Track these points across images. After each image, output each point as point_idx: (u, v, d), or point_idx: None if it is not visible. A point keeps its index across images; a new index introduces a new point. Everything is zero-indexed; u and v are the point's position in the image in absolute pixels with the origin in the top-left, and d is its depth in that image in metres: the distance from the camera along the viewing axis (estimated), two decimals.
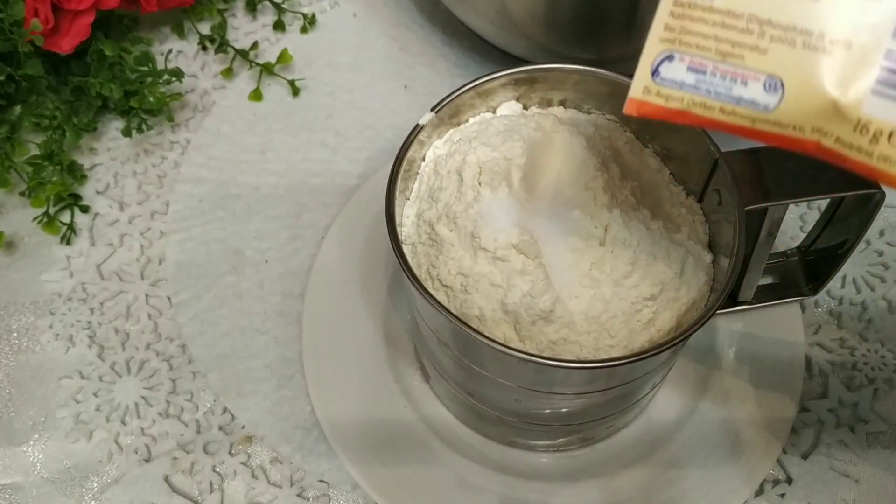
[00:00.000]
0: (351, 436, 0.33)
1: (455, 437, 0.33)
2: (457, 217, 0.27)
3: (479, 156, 0.28)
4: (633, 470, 0.32)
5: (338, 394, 0.33)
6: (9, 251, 0.38)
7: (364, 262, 0.36)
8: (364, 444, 0.32)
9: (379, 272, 0.36)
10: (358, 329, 0.35)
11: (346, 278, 0.36)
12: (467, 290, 0.26)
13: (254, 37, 0.44)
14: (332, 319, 0.35)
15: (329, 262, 0.36)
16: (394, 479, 0.32)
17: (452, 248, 0.27)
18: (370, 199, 0.36)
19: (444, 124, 0.30)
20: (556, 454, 0.33)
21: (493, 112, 0.31)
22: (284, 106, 0.43)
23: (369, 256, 0.36)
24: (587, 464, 0.33)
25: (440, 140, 0.30)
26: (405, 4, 0.46)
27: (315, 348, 0.34)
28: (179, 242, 0.39)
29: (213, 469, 0.34)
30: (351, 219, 0.37)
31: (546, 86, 0.30)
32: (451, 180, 0.28)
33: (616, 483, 0.32)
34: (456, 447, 0.33)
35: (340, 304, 0.35)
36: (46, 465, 0.34)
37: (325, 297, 0.35)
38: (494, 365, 0.27)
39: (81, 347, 0.36)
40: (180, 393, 0.35)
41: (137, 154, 0.41)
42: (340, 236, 0.37)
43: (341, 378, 0.34)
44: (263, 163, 0.41)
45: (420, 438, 0.33)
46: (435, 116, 0.29)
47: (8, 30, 0.37)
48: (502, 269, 0.26)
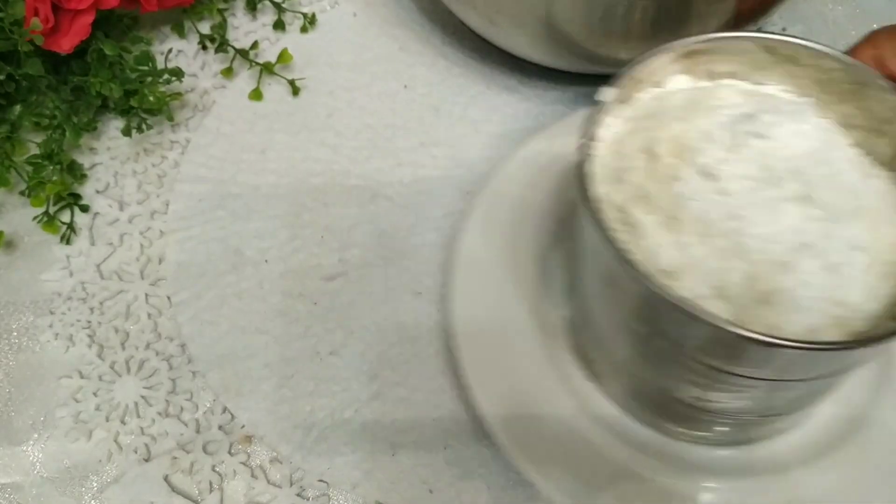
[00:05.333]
0: (523, 434, 0.32)
1: (632, 436, 0.32)
2: (654, 198, 0.25)
3: (672, 131, 0.26)
4: (817, 468, 0.31)
5: (504, 392, 0.32)
6: (8, 250, 0.38)
7: (509, 258, 0.35)
8: (536, 442, 0.31)
9: (526, 268, 0.35)
10: (513, 327, 0.34)
11: (494, 275, 0.35)
12: (674, 275, 0.25)
13: (254, 36, 0.44)
14: (486, 319, 0.34)
15: (472, 258, 0.35)
16: (571, 477, 0.31)
17: (653, 231, 0.25)
18: (504, 191, 0.36)
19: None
20: (737, 448, 0.32)
21: (659, 87, 0.29)
22: (284, 105, 0.43)
23: (513, 251, 0.35)
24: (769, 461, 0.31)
25: (611, 118, 0.28)
26: (405, 4, 0.46)
27: (473, 349, 0.33)
28: (179, 242, 0.39)
29: (212, 469, 0.34)
30: (487, 212, 0.36)
31: (713, 57, 0.29)
32: (640, 159, 0.26)
33: (799, 480, 0.31)
34: (635, 446, 0.31)
35: (491, 302, 0.34)
36: (46, 465, 0.34)
37: (475, 295, 0.34)
38: (726, 354, 0.25)
39: (81, 347, 0.36)
40: (180, 392, 0.35)
41: (137, 153, 0.41)
42: (480, 233, 0.36)
43: (505, 377, 0.33)
44: (263, 162, 0.41)
45: (589, 435, 0.32)
46: (605, 95, 0.27)
47: (8, 29, 0.37)
48: (713, 249, 0.25)
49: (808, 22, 0.45)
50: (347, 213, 0.39)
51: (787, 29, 0.44)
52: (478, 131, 0.41)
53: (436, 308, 0.37)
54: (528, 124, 0.41)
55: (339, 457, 0.34)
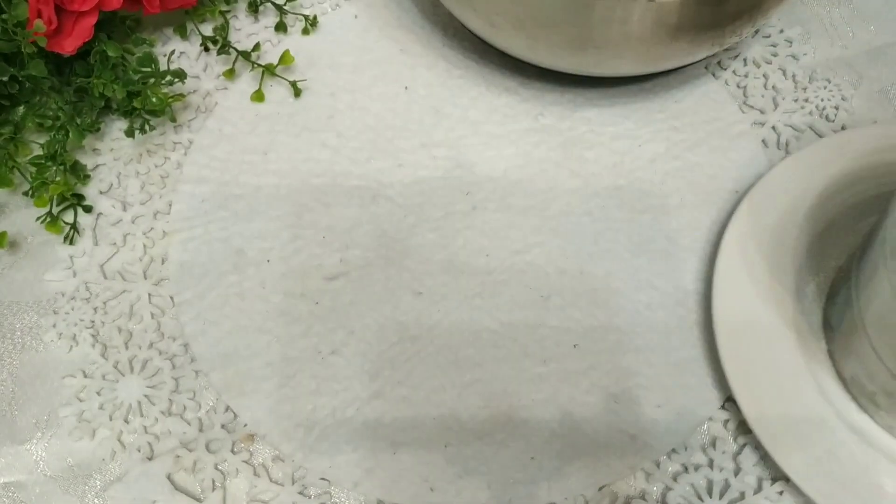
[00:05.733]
0: (783, 436, 0.33)
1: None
2: None
3: None
4: None
5: (767, 400, 0.33)
6: (12, 250, 0.39)
7: (767, 268, 0.36)
8: (796, 446, 0.32)
9: (785, 279, 0.36)
10: (774, 333, 0.35)
11: (752, 282, 0.36)
12: None
13: (256, 38, 0.45)
14: (747, 322, 0.35)
15: (731, 265, 0.36)
16: (829, 479, 0.32)
17: None
18: (769, 197, 0.37)
19: None
20: None
21: None
22: (286, 107, 0.43)
23: (773, 260, 0.36)
24: None
25: None
26: (406, 6, 0.46)
27: (736, 352, 0.34)
28: (182, 242, 0.39)
29: (215, 467, 0.34)
30: (748, 219, 0.37)
31: None
32: None
33: None
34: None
35: (751, 307, 0.35)
36: (49, 463, 0.34)
37: (736, 300, 0.35)
38: None
39: (84, 346, 0.36)
40: (183, 391, 0.35)
41: (140, 154, 0.41)
42: (740, 240, 0.37)
43: (767, 384, 0.34)
44: (265, 163, 0.41)
45: (850, 444, 0.33)
46: None
47: (11, 31, 0.37)
48: None
49: (806, 24, 0.45)
50: (348, 214, 0.39)
51: (784, 31, 0.44)
52: (478, 132, 0.42)
53: (436, 308, 0.37)
54: (528, 125, 0.42)
55: (341, 455, 0.34)
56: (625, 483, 0.34)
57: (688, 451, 0.34)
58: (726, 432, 0.34)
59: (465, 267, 0.38)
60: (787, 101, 0.42)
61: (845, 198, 0.37)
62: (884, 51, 0.44)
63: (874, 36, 0.45)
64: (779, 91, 0.43)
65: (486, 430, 0.35)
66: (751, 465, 0.34)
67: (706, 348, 0.36)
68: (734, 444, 0.34)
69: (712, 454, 0.34)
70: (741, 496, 0.33)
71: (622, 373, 0.36)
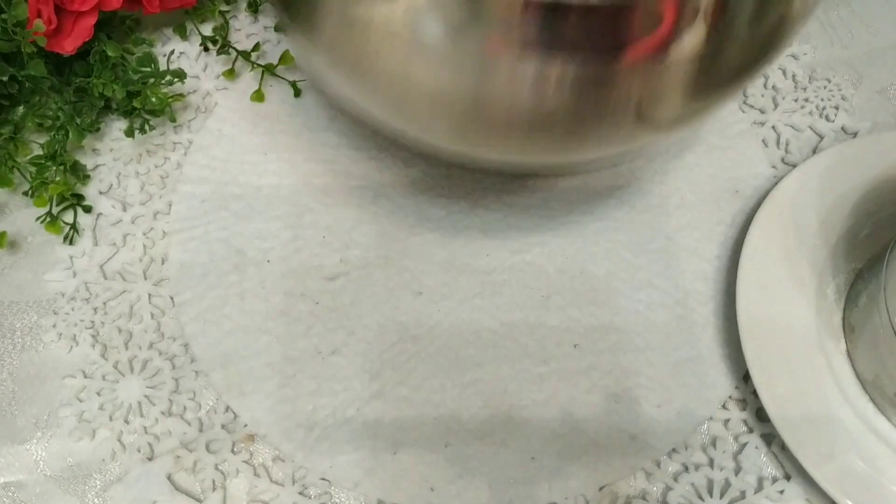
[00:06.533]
0: (803, 433, 0.33)
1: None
2: None
3: None
4: None
5: (791, 402, 0.33)
6: (12, 250, 0.39)
7: (789, 269, 0.36)
8: (815, 443, 0.33)
9: (806, 279, 0.36)
10: (795, 333, 0.35)
11: (775, 283, 0.36)
12: None
13: (255, 38, 0.45)
14: (769, 321, 0.35)
15: (753, 266, 0.36)
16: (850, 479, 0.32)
17: None
18: (790, 201, 0.37)
19: None
20: None
21: None
22: (286, 106, 0.43)
23: (795, 261, 0.36)
24: None
25: None
26: None
27: (758, 351, 0.34)
28: (182, 242, 0.39)
29: (215, 467, 0.34)
30: (769, 222, 0.37)
31: None
32: None
33: None
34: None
35: (774, 307, 0.35)
36: (49, 463, 0.34)
37: (759, 300, 0.35)
38: None
39: (84, 346, 0.36)
40: (183, 392, 0.35)
41: (140, 154, 0.41)
42: (762, 241, 0.37)
43: (789, 382, 0.34)
44: (265, 163, 0.41)
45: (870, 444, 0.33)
46: None
47: (11, 31, 0.37)
48: None
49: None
50: (348, 214, 0.39)
51: None
52: None
53: (436, 308, 0.37)
54: None
55: (341, 455, 0.34)
56: (625, 483, 0.34)
57: (688, 451, 0.34)
58: (727, 432, 0.35)
59: (465, 267, 0.38)
60: (786, 100, 0.42)
61: (867, 201, 0.38)
62: (884, 51, 0.44)
63: (874, 36, 0.45)
64: (778, 91, 0.43)
65: (487, 430, 0.35)
66: (751, 465, 0.34)
67: (707, 348, 0.36)
68: (735, 444, 0.34)
69: (713, 454, 0.34)
70: (742, 495, 0.33)
71: (622, 373, 0.36)
